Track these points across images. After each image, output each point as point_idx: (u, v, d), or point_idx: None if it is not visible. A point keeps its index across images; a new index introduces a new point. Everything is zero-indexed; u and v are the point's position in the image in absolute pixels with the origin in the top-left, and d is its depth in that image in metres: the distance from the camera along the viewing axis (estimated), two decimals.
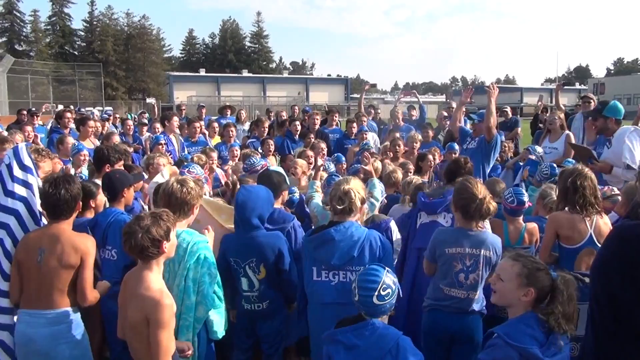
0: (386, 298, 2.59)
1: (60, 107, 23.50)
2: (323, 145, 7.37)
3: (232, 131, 8.57)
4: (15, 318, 3.31)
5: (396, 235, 4.43)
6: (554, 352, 2.45)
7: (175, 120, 8.76)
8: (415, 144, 7.72)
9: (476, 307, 3.49)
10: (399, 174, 5.63)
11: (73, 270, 3.19)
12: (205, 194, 4.44)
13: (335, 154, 7.11)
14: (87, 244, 3.28)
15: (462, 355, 3.48)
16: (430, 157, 6.74)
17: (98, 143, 8.08)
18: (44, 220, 3.51)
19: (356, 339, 2.59)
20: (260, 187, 3.97)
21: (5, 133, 7.89)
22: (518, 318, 2.58)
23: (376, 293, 2.57)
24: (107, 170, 4.85)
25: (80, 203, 3.32)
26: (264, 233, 3.75)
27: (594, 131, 6.55)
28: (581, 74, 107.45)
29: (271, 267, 3.71)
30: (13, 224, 3.39)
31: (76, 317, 3.26)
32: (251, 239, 3.70)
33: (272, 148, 7.79)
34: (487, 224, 3.74)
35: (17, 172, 3.47)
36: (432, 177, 6.67)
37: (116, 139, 8.07)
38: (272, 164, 6.81)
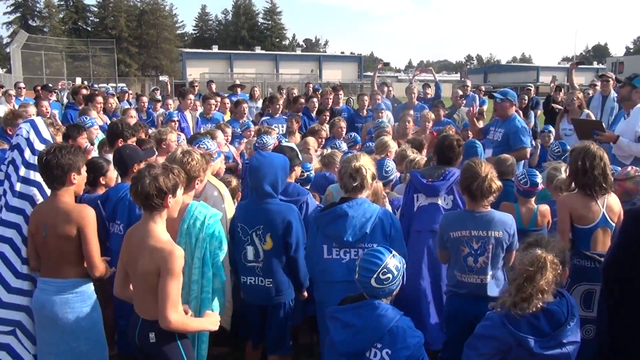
0: (385, 282, 2.56)
1: (78, 80, 23.52)
2: (343, 124, 7.28)
3: (244, 108, 8.49)
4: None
5: None
6: (552, 346, 2.43)
7: (190, 98, 8.72)
8: (427, 123, 7.61)
9: (495, 291, 3.41)
10: (408, 152, 5.41)
11: (72, 242, 3.15)
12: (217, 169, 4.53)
13: (352, 134, 7.01)
14: (83, 214, 3.17)
15: None
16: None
17: (107, 119, 8.11)
18: None
19: (354, 318, 2.59)
20: (277, 154, 3.88)
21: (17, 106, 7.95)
22: None
23: (375, 276, 2.55)
24: (120, 145, 4.87)
25: (74, 174, 3.20)
26: (277, 202, 3.64)
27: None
28: (600, 52, 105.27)
29: (278, 239, 3.57)
30: (37, 196, 3.42)
31: (86, 289, 3.26)
32: (261, 205, 3.60)
33: (297, 125, 7.65)
34: None
35: (38, 145, 3.49)
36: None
37: (133, 113, 8.07)
38: (297, 141, 6.76)
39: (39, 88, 12.14)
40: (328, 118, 8.23)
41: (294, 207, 3.72)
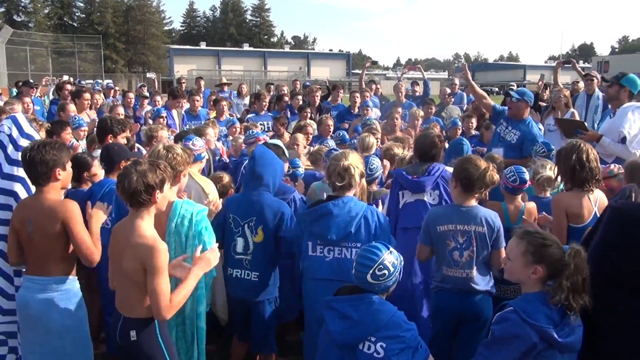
0: (380, 279, 2.56)
1: (66, 77, 23.30)
2: (330, 121, 7.23)
3: (223, 106, 8.40)
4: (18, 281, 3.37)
5: None
6: (567, 333, 2.41)
7: (180, 101, 8.62)
8: (416, 121, 7.63)
9: (480, 286, 3.41)
10: (396, 150, 5.37)
11: (58, 238, 3.11)
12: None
13: (340, 133, 6.98)
14: (66, 208, 3.12)
15: (469, 335, 3.44)
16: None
17: (94, 116, 8.04)
18: None
19: (351, 310, 2.59)
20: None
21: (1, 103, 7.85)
22: (535, 295, 2.52)
23: (371, 271, 2.55)
24: (109, 141, 4.83)
25: (58, 170, 3.15)
26: (270, 196, 3.69)
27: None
28: (585, 52, 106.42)
29: (270, 232, 3.62)
30: (20, 192, 3.38)
31: (72, 287, 3.22)
32: (256, 197, 3.65)
33: (286, 124, 7.58)
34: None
35: (21, 141, 3.46)
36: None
37: (120, 111, 8.01)
38: (286, 140, 6.71)
39: (20, 84, 12.00)
40: (309, 115, 8.15)
41: (286, 205, 3.78)
